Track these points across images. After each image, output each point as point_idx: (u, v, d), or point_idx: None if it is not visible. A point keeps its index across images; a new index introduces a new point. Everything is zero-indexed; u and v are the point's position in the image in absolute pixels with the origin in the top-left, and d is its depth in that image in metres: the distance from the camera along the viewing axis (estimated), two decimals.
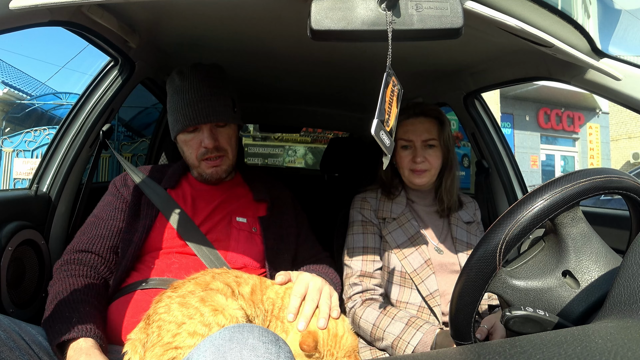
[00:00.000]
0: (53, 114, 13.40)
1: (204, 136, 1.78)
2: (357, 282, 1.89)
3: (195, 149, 1.81)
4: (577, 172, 0.96)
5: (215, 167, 1.83)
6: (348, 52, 2.20)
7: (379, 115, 1.03)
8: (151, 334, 1.24)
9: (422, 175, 1.96)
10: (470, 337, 0.98)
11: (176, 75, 1.84)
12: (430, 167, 1.96)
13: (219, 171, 1.85)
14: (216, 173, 1.84)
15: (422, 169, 1.95)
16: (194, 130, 1.80)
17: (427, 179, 1.97)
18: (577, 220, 1.00)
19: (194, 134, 1.80)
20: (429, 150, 1.96)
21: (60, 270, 1.61)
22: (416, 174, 1.97)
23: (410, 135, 1.95)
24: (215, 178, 1.86)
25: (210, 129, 1.79)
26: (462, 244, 1.98)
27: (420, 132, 1.95)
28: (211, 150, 1.79)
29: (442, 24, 1.08)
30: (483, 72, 2.32)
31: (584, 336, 0.68)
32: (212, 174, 1.84)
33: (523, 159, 17.47)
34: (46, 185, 2.10)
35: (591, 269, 0.98)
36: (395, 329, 1.72)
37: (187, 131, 1.80)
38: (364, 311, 1.82)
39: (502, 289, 0.99)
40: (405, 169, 1.99)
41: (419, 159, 1.94)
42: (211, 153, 1.80)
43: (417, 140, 1.95)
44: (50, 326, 1.36)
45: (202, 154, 1.80)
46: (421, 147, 1.95)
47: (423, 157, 1.94)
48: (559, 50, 1.37)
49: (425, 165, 1.95)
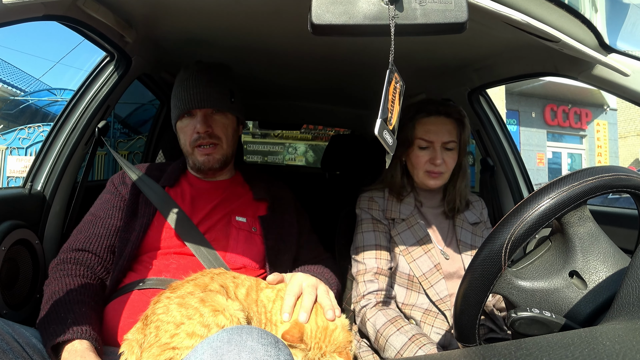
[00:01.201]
0: (47, 110, 13.41)
1: (196, 121, 1.82)
2: (374, 280, 1.87)
3: (189, 135, 1.85)
4: (585, 170, 0.96)
5: (208, 154, 1.85)
6: (349, 48, 2.19)
7: (382, 114, 1.03)
8: (148, 334, 1.24)
9: (438, 178, 1.94)
10: (475, 339, 0.98)
11: (182, 68, 1.92)
12: (446, 169, 1.94)
13: (212, 160, 1.86)
14: (208, 162, 1.86)
15: (439, 172, 1.93)
16: (190, 116, 1.85)
17: (441, 181, 1.96)
18: (585, 219, 1.00)
19: (189, 120, 1.85)
20: (448, 153, 1.93)
21: (56, 269, 1.61)
22: (432, 176, 1.94)
23: (431, 136, 1.91)
24: (208, 167, 1.87)
25: (204, 114, 1.83)
26: (466, 246, 1.97)
27: (442, 133, 1.92)
28: (203, 136, 1.82)
29: (446, 19, 1.08)
30: (488, 68, 2.31)
31: (591, 338, 0.68)
32: (204, 162, 1.85)
33: (529, 157, 17.45)
34: (40, 184, 2.09)
35: (599, 269, 0.98)
36: (398, 342, 1.70)
37: (183, 118, 1.86)
38: (374, 314, 1.80)
39: (507, 290, 0.99)
40: (420, 170, 1.96)
41: (438, 161, 1.91)
42: (204, 139, 1.83)
43: (437, 141, 1.92)
44: (44, 327, 1.36)
45: (195, 140, 1.83)
46: (440, 149, 1.92)
47: (442, 159, 1.92)
48: (565, 45, 1.37)
49: (442, 168, 1.93)
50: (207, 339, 1.00)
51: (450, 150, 1.94)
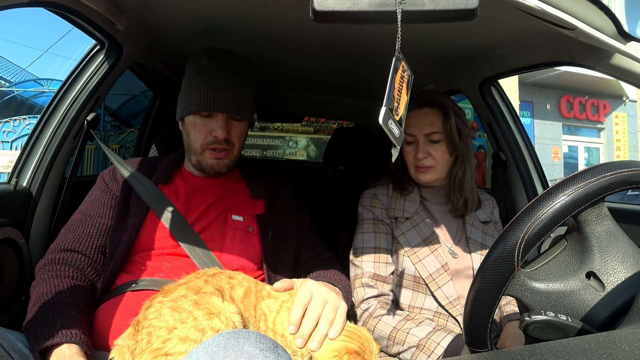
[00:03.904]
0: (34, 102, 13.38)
1: (217, 125, 1.79)
2: (371, 284, 1.88)
3: (203, 135, 1.82)
4: (603, 165, 0.95)
5: (219, 159, 1.84)
6: (354, 35, 2.19)
7: (388, 103, 1.02)
8: (140, 340, 1.24)
9: (427, 172, 1.95)
10: (487, 344, 0.98)
11: (205, 55, 1.85)
12: (434, 163, 1.93)
13: (221, 164, 1.86)
14: (217, 166, 1.85)
15: (426, 165, 1.94)
16: (208, 115, 1.81)
17: (432, 176, 1.96)
18: (603, 217, 0.99)
19: (207, 120, 1.82)
20: (434, 145, 1.93)
21: (43, 270, 1.61)
22: (420, 171, 1.95)
23: (412, 129, 1.93)
24: (215, 170, 1.86)
25: (225, 119, 1.81)
26: (477, 245, 1.96)
27: (422, 125, 1.93)
28: (220, 142, 1.81)
29: (456, 4, 1.07)
30: (500, 57, 2.31)
31: (609, 343, 0.68)
32: (212, 165, 1.85)
33: (543, 151, 17.43)
34: (26, 180, 2.09)
35: (617, 270, 0.97)
36: (421, 331, 1.72)
37: (200, 115, 1.81)
38: (383, 314, 1.81)
39: (520, 292, 0.99)
40: (411, 166, 1.98)
41: (420, 155, 1.92)
42: (219, 144, 1.81)
43: (419, 134, 1.93)
44: (32, 331, 1.36)
45: (209, 143, 1.82)
46: (424, 141, 1.93)
47: (426, 152, 1.92)
48: (582, 33, 1.37)
49: (429, 162, 1.93)
50: (202, 344, 1.00)
51: (436, 143, 1.93)
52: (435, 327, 1.73)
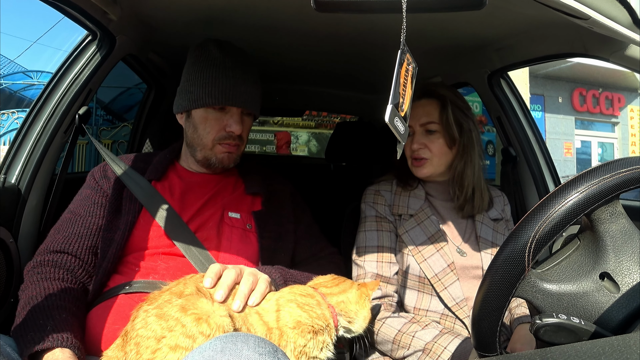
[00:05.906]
0: (23, 95, 13.38)
1: (232, 120, 1.82)
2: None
3: (215, 130, 1.83)
4: (617, 160, 0.95)
5: (230, 153, 1.87)
6: (357, 26, 2.19)
7: (393, 100, 1.02)
8: (129, 351, 1.23)
9: (423, 166, 1.95)
10: (496, 348, 0.98)
11: (214, 46, 1.86)
12: (430, 155, 1.94)
13: (231, 158, 1.89)
14: (227, 159, 1.88)
15: (421, 157, 1.94)
16: (221, 109, 1.83)
17: (428, 170, 1.96)
18: (617, 215, 0.99)
19: (220, 114, 1.83)
20: (430, 137, 1.94)
21: (32, 272, 1.61)
22: (416, 165, 1.96)
23: (409, 120, 1.90)
24: (224, 165, 1.88)
25: (239, 114, 1.84)
26: (487, 244, 1.95)
27: (419, 115, 1.94)
28: (234, 137, 1.84)
29: None
30: (510, 48, 2.31)
31: (624, 347, 0.67)
32: (222, 159, 1.86)
33: (555, 146, 17.40)
34: (15, 176, 2.09)
35: (633, 271, 0.97)
36: (428, 335, 1.71)
37: (214, 108, 1.83)
38: (386, 316, 1.81)
39: (531, 294, 0.99)
40: (408, 159, 1.99)
41: (415, 145, 1.93)
42: (233, 139, 1.84)
43: (415, 125, 1.94)
44: (21, 335, 1.36)
45: (222, 138, 1.83)
46: (420, 132, 1.94)
47: (422, 143, 1.93)
48: (595, 22, 1.36)
49: (425, 153, 1.93)
50: (199, 348, 1.00)
51: (432, 134, 1.94)
52: (442, 330, 1.73)
